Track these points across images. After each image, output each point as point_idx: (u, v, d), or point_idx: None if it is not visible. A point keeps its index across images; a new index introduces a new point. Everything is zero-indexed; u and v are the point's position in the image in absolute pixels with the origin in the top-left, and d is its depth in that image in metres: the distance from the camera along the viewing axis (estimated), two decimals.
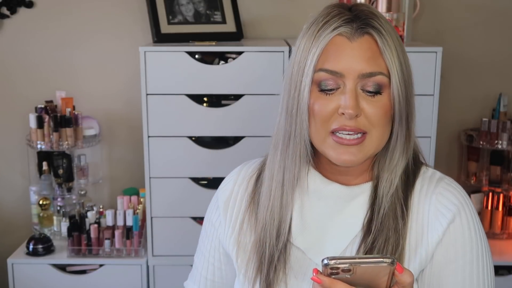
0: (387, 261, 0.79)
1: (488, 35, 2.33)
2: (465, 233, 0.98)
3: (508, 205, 2.27)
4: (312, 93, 0.94)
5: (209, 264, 1.13)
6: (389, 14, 1.95)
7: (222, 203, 1.10)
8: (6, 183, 2.38)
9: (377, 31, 0.93)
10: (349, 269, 0.79)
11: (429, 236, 0.98)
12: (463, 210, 0.99)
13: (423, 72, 1.92)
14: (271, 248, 1.00)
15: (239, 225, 1.06)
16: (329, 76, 0.93)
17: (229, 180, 1.12)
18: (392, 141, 0.98)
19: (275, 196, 1.02)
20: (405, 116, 0.96)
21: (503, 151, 2.25)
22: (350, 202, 1.01)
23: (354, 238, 0.99)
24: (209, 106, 1.99)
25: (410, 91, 0.97)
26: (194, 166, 2.02)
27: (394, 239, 0.96)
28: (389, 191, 0.98)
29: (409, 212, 0.99)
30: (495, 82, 2.35)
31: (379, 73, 0.93)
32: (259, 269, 1.01)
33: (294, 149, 0.98)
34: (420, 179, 1.02)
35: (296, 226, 1.01)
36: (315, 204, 1.02)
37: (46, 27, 2.27)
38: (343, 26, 0.93)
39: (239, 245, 1.06)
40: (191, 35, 2.10)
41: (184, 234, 2.05)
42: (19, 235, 2.32)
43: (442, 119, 2.13)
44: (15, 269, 2.09)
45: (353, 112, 0.92)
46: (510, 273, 2.13)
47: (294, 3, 2.27)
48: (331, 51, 0.93)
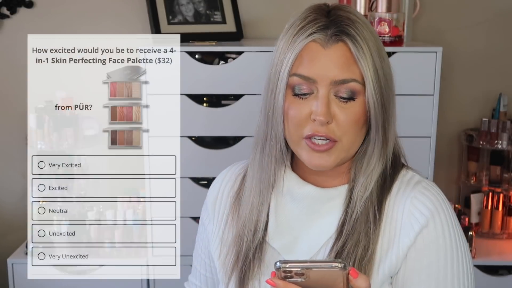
0: (338, 266, 0.79)
1: (488, 35, 2.33)
2: (439, 239, 0.97)
3: (508, 205, 2.27)
4: (286, 96, 0.95)
5: (204, 262, 1.16)
6: (389, 14, 1.95)
7: (210, 203, 1.13)
8: (6, 183, 2.38)
9: (352, 38, 0.93)
10: (302, 273, 0.80)
11: (400, 240, 0.97)
12: (437, 215, 0.97)
13: (423, 72, 1.92)
14: (247, 244, 1.02)
15: (224, 223, 1.08)
16: (303, 81, 0.94)
17: (217, 180, 1.15)
18: (369, 147, 0.98)
19: (254, 194, 1.04)
20: (381, 123, 0.96)
21: (503, 151, 2.25)
22: (325, 204, 1.01)
23: (328, 240, 0.99)
24: (209, 106, 1.99)
25: (388, 97, 0.97)
26: (194, 166, 2.02)
27: (365, 243, 0.96)
28: (364, 195, 0.98)
29: (383, 216, 0.98)
30: (495, 82, 2.35)
31: (352, 80, 0.93)
32: (236, 263, 1.03)
33: (270, 150, 1.00)
34: (398, 182, 1.02)
35: (271, 225, 1.03)
36: (290, 205, 1.03)
37: (46, 27, 2.27)
38: (317, 32, 0.94)
39: (222, 242, 1.07)
40: (191, 35, 2.10)
41: (184, 234, 2.05)
42: (19, 235, 2.32)
43: (442, 119, 2.13)
44: (15, 269, 2.09)
45: (324, 119, 0.92)
46: (510, 273, 2.12)
47: (294, 4, 2.27)
48: (305, 57, 0.94)
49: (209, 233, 1.12)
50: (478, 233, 2.25)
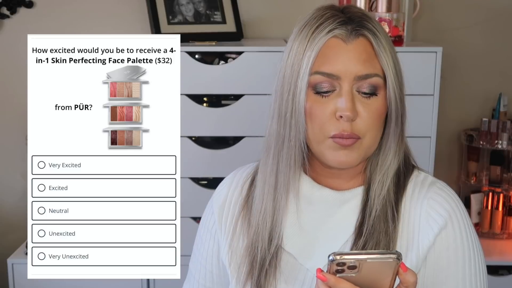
0: (393, 256, 0.78)
1: (488, 35, 2.33)
2: (457, 239, 0.97)
3: (508, 205, 2.27)
4: (308, 96, 0.94)
5: (206, 271, 1.12)
6: (389, 14, 1.95)
7: (217, 209, 1.10)
8: (6, 183, 2.38)
9: (372, 33, 0.93)
10: (355, 266, 0.78)
11: (419, 241, 0.97)
12: (454, 215, 0.98)
13: (423, 72, 1.92)
14: (262, 252, 1.00)
15: (233, 230, 1.06)
16: (325, 78, 0.93)
17: (223, 185, 1.12)
18: (385, 142, 0.98)
19: (267, 200, 1.01)
20: (400, 117, 0.96)
21: (503, 151, 2.25)
22: (341, 207, 1.00)
23: (345, 243, 0.99)
24: (209, 106, 1.99)
25: (403, 92, 0.97)
26: (194, 166, 2.02)
27: (385, 242, 0.96)
28: (381, 193, 0.98)
29: (400, 216, 0.98)
30: (495, 82, 2.35)
31: (374, 74, 0.93)
32: (250, 273, 1.01)
33: (289, 152, 0.98)
34: (412, 183, 1.01)
35: (287, 231, 1.01)
36: (306, 209, 1.01)
37: (46, 27, 2.27)
38: (338, 28, 0.93)
39: (232, 250, 1.05)
40: (191, 35, 2.10)
41: (184, 234, 2.05)
42: (19, 235, 2.32)
43: (442, 119, 2.13)
44: (15, 269, 2.09)
45: (351, 114, 0.92)
46: (510, 273, 2.12)
47: (294, 3, 2.27)
48: (326, 53, 0.93)
49: (220, 241, 1.09)
50: (478, 233, 2.24)
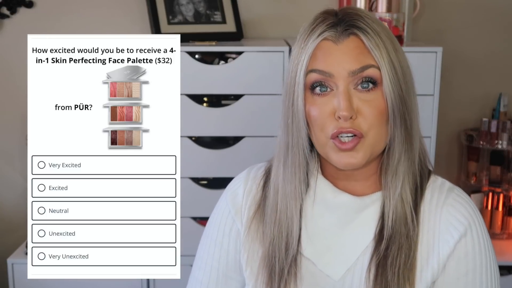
0: None
1: (488, 35, 2.33)
2: (476, 247, 0.97)
3: (508, 205, 2.27)
4: (306, 98, 0.94)
5: (216, 274, 1.09)
6: (389, 14, 1.95)
7: (233, 209, 1.08)
8: (6, 183, 2.38)
9: (362, 30, 0.93)
10: None
11: (440, 248, 0.97)
12: (473, 223, 0.98)
13: (423, 72, 1.92)
14: (280, 262, 0.99)
15: (248, 232, 1.05)
16: (320, 76, 0.93)
17: (238, 185, 1.10)
18: (391, 142, 0.97)
19: (281, 210, 1.00)
20: (399, 116, 0.94)
21: (503, 151, 2.25)
22: (360, 213, 0.99)
23: (365, 249, 0.98)
24: (209, 106, 1.99)
25: (407, 90, 0.95)
26: (194, 166, 2.02)
27: (407, 246, 0.95)
28: (396, 195, 0.97)
29: (419, 220, 0.98)
30: (495, 82, 2.35)
31: (370, 65, 0.92)
32: (269, 283, 1.00)
33: (293, 159, 0.98)
34: (430, 188, 1.01)
35: (305, 236, 1.00)
36: (324, 214, 1.01)
37: (46, 27, 2.27)
38: (327, 30, 0.93)
39: (248, 253, 1.04)
40: (191, 35, 2.10)
41: (184, 234, 2.04)
42: (19, 235, 2.32)
43: (442, 119, 2.13)
44: (15, 269, 2.09)
45: (348, 113, 0.91)
46: (510, 273, 2.13)
47: (294, 3, 2.27)
48: (318, 55, 0.93)
49: (237, 241, 1.07)
50: None
